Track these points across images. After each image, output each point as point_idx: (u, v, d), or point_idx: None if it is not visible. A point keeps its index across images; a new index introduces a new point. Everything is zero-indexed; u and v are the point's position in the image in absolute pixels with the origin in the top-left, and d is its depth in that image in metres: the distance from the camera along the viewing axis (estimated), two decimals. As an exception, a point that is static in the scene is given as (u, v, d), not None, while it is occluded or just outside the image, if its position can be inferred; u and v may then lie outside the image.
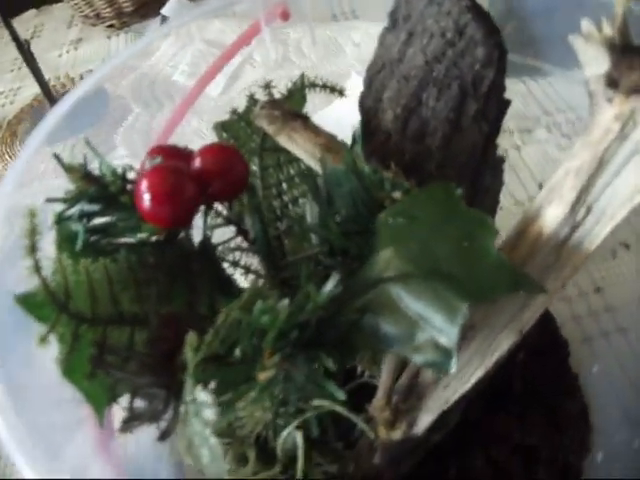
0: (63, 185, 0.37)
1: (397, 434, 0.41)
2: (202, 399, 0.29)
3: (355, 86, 0.46)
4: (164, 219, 0.34)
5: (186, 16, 0.56)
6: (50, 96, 0.92)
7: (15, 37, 0.84)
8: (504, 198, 0.47)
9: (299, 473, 0.40)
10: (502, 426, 0.46)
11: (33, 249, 0.31)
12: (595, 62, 0.33)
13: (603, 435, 0.45)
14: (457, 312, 0.32)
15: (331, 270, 0.40)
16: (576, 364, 0.49)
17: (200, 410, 0.30)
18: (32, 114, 1.01)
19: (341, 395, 0.31)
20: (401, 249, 0.34)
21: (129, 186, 0.36)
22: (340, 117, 0.44)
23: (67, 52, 1.16)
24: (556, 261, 0.36)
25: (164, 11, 0.99)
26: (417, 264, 0.34)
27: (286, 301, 0.33)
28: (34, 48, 0.89)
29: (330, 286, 0.32)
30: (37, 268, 0.32)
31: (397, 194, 0.37)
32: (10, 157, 0.95)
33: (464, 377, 0.40)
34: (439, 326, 0.32)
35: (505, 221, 0.41)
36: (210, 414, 0.29)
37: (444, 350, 0.32)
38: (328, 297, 0.32)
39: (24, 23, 1.32)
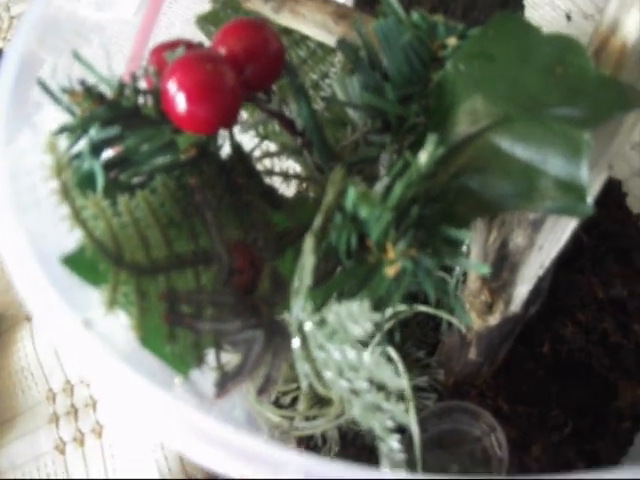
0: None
1: (495, 317, 0.38)
2: (349, 312, 0.24)
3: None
4: (207, 120, 0.28)
5: None
6: None
7: None
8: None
9: (408, 393, 0.36)
10: (582, 285, 0.44)
11: (67, 191, 0.25)
12: None
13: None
14: (579, 143, 0.29)
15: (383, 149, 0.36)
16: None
17: (339, 331, 0.26)
18: None
19: (486, 269, 0.27)
20: (490, 93, 0.31)
21: (141, 99, 0.30)
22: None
23: None
24: (642, 73, 0.33)
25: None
26: (514, 104, 0.30)
27: (385, 179, 0.28)
28: None
29: (430, 147, 0.27)
30: (78, 216, 0.25)
31: (452, 40, 0.33)
32: None
33: (557, 233, 0.37)
34: (562, 164, 0.29)
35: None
36: (361, 328, 0.24)
37: (575, 189, 0.29)
38: (432, 161, 0.27)
39: None
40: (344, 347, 0.26)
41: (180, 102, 0.28)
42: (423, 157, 0.27)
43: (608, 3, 0.33)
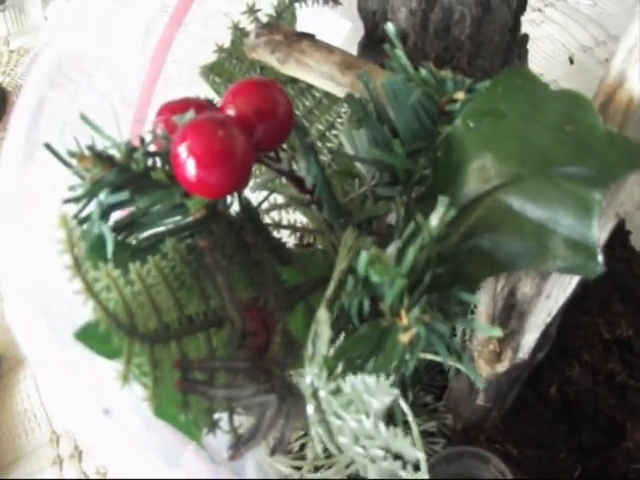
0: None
1: (503, 365, 0.38)
2: (367, 385, 0.24)
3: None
4: (218, 186, 0.28)
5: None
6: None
7: None
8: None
9: (417, 441, 0.36)
10: (588, 326, 0.44)
11: (79, 267, 0.25)
12: None
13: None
14: (590, 203, 0.29)
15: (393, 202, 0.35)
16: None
17: (356, 401, 0.26)
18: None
19: (498, 332, 0.27)
20: (500, 151, 0.31)
21: (150, 160, 0.29)
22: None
23: None
24: (649, 126, 0.33)
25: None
26: (524, 163, 0.30)
27: (397, 243, 0.28)
28: None
29: (441, 210, 0.27)
30: (91, 291, 0.25)
31: (460, 94, 0.33)
32: None
33: (565, 281, 0.37)
34: (573, 224, 0.29)
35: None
36: (379, 402, 0.24)
37: (586, 249, 0.29)
38: (443, 223, 0.27)
39: None
40: (360, 417, 0.26)
41: (190, 168, 0.27)
42: (434, 220, 0.27)
43: (614, 56, 0.33)
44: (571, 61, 0.55)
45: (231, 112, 0.30)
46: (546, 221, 0.29)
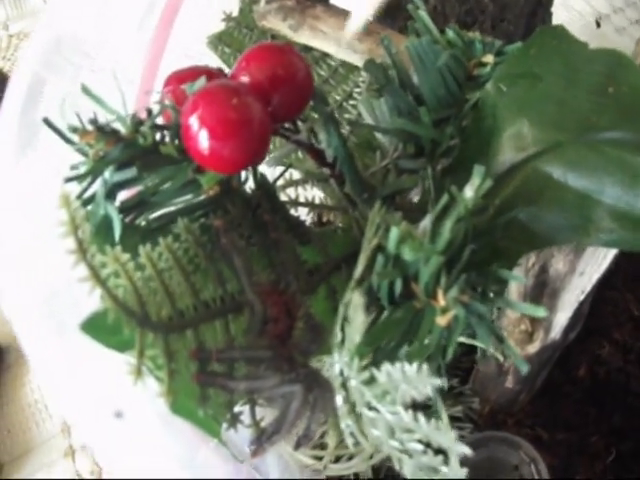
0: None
1: (535, 345, 0.35)
2: (405, 375, 0.21)
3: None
4: (233, 159, 0.25)
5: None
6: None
7: None
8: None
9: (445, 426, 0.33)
10: (617, 303, 0.41)
11: (84, 251, 0.22)
12: None
13: None
14: (638, 169, 0.26)
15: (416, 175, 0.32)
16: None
17: (392, 392, 0.23)
18: None
19: (542, 312, 0.24)
20: (536, 117, 0.27)
21: (158, 134, 0.26)
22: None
23: None
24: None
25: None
26: (564, 129, 0.27)
27: (430, 217, 0.25)
28: None
29: (477, 180, 0.24)
30: (98, 277, 0.22)
31: (489, 57, 0.30)
32: None
33: (599, 257, 0.34)
34: (619, 193, 0.26)
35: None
36: (419, 393, 0.21)
37: (634, 220, 0.26)
38: (479, 195, 0.24)
39: None
40: (397, 408, 0.23)
41: (203, 140, 0.24)
42: (469, 191, 0.24)
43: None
44: (598, 24, 0.52)
45: (245, 79, 0.27)
46: (589, 191, 0.26)
